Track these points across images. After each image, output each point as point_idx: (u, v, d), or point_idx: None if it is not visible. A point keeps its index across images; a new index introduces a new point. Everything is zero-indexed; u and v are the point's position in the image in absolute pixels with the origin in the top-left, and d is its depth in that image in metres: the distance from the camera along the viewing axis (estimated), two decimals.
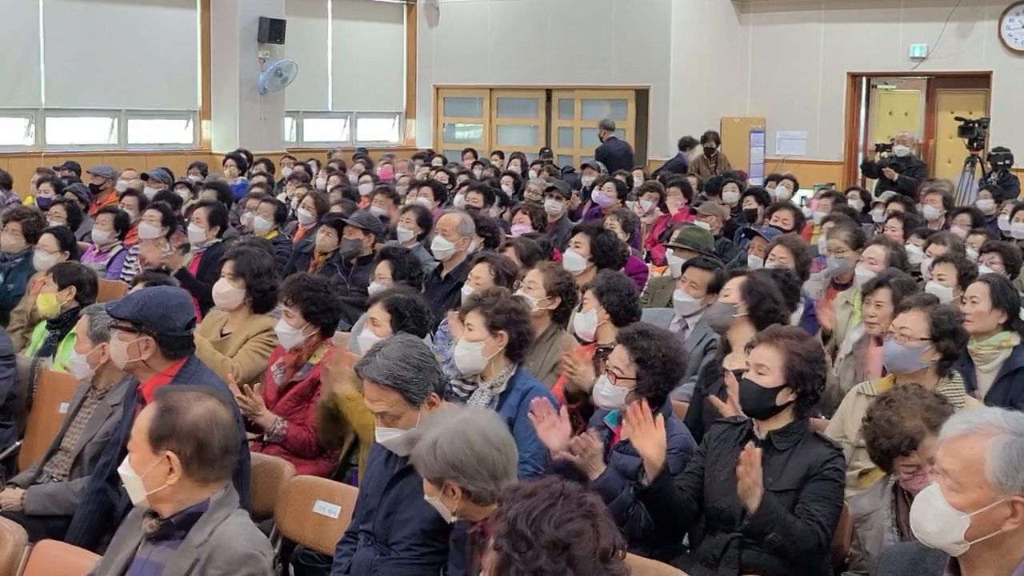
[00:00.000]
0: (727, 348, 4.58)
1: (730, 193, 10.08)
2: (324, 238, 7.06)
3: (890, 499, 3.11)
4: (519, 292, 4.81)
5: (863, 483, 3.75)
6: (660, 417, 3.44)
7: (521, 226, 7.66)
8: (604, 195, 9.64)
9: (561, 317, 4.95)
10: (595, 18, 15.34)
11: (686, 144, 13.94)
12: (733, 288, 4.56)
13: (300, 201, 8.37)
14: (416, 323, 4.29)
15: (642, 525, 3.47)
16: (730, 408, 3.94)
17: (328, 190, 9.63)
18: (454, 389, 4.12)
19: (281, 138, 15.19)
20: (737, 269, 4.95)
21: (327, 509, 3.72)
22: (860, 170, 11.56)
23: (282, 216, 8.12)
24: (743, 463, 3.21)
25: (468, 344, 4.04)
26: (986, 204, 9.37)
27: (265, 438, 4.30)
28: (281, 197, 9.26)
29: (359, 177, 11.22)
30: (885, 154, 12.01)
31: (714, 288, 5.26)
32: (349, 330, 5.43)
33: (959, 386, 4.01)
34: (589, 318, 4.69)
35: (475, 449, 2.87)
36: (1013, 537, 2.28)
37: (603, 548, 2.00)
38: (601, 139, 14.39)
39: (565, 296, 4.91)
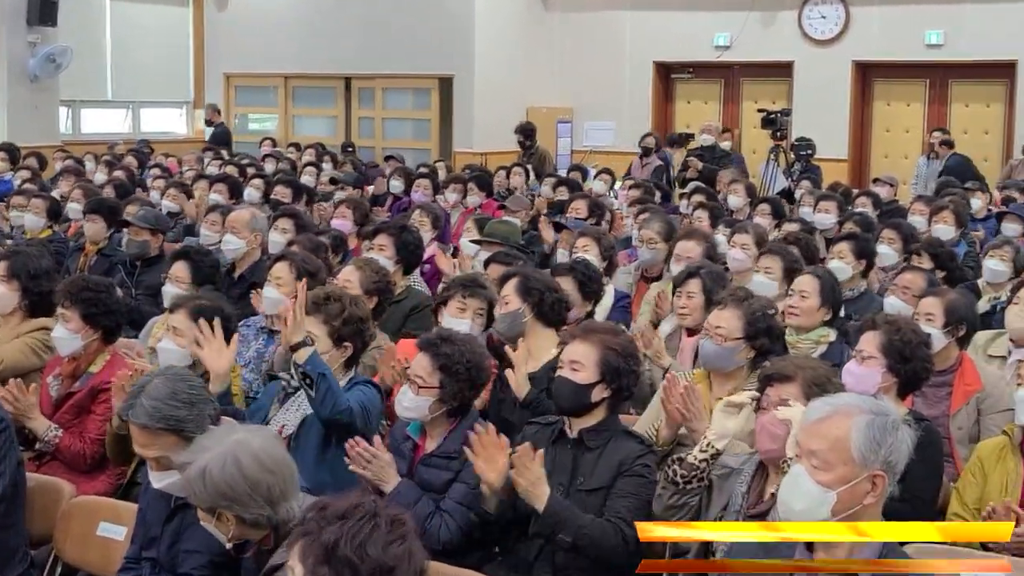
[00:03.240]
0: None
1: (546, 188, 10.10)
2: (91, 226, 6.85)
3: (753, 468, 3.14)
4: None
5: None
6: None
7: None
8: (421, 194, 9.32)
9: (377, 315, 4.78)
10: (397, 3, 14.99)
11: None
12: (511, 293, 4.40)
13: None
14: (223, 332, 4.03)
15: (444, 538, 3.38)
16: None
17: (103, 185, 9.21)
18: (283, 382, 3.93)
19: (56, 129, 14.36)
20: (511, 270, 4.72)
21: (112, 531, 3.50)
22: (675, 183, 11.81)
23: (56, 212, 7.70)
24: (516, 466, 3.18)
25: None
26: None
27: (37, 446, 4.01)
28: (56, 194, 8.69)
29: (144, 171, 10.75)
30: (691, 145, 12.28)
31: None
32: (135, 336, 5.16)
33: None
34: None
35: (247, 475, 2.67)
36: (869, 512, 2.46)
37: (420, 568, 2.03)
38: (211, 123, 13.97)
39: (383, 295, 4.80)
